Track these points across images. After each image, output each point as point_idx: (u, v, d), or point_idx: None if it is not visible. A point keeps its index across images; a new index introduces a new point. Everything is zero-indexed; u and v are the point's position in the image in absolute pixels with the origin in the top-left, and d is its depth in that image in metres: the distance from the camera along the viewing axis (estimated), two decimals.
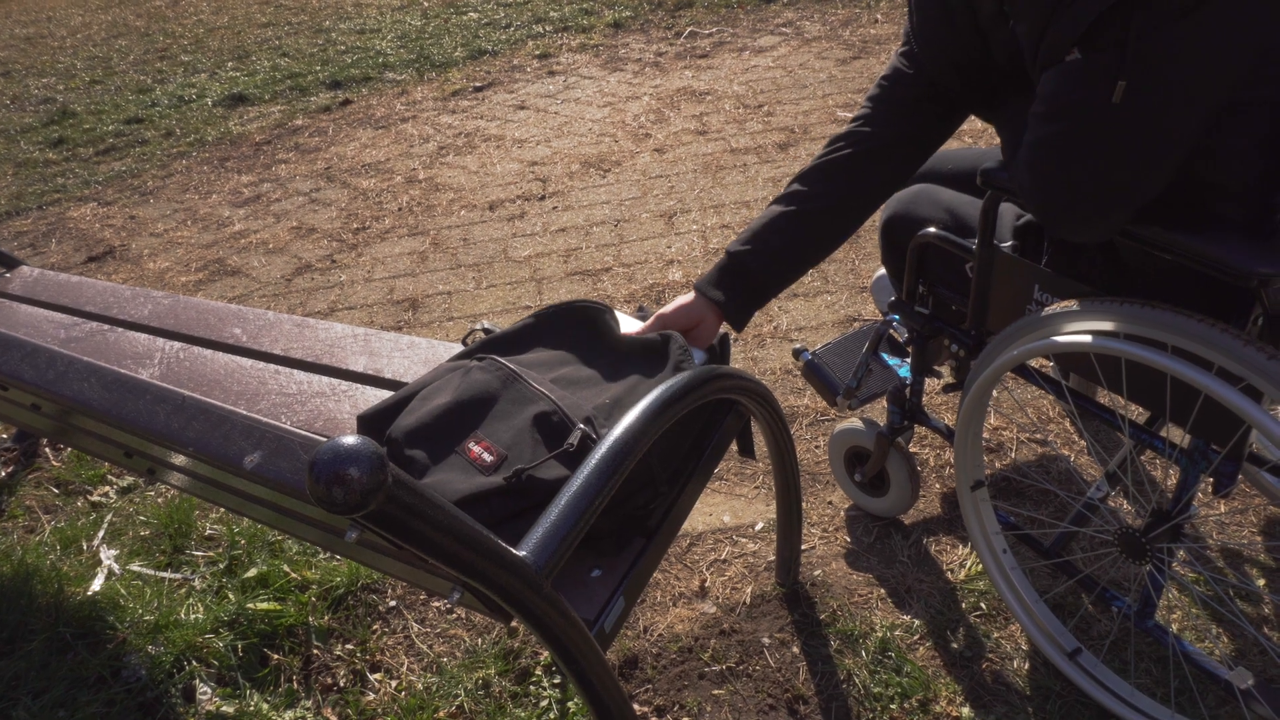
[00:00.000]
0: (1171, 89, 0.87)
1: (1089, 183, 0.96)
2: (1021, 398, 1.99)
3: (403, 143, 4.25)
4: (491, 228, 3.23)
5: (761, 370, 2.22)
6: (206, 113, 5.17)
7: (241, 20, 7.81)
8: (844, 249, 2.71)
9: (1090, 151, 0.94)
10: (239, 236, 3.47)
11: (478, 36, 6.05)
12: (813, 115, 3.84)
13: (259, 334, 1.61)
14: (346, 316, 2.77)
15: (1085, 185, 0.96)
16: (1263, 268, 0.90)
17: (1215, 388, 0.93)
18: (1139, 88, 0.86)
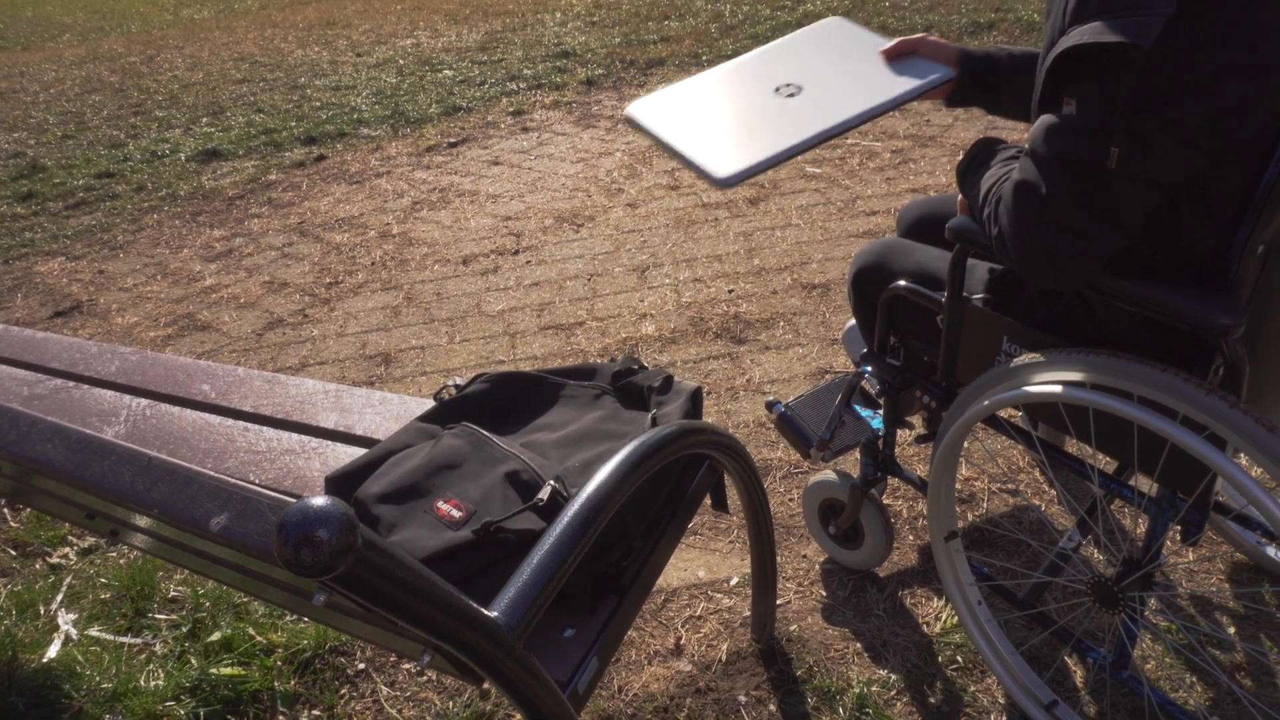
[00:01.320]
0: (1161, 160, 0.89)
1: (1069, 235, 0.97)
2: (992, 448, 2.01)
3: (377, 198, 4.26)
4: (465, 282, 3.24)
5: (735, 423, 2.22)
6: (180, 167, 5.17)
7: (217, 76, 7.87)
8: (814, 302, 2.75)
9: (1079, 206, 0.95)
10: (210, 291, 3.45)
11: (452, 93, 6.13)
12: (782, 171, 3.91)
13: (228, 390, 1.59)
14: (318, 372, 2.75)
15: (1065, 238, 0.98)
16: (1223, 319, 0.92)
17: (1180, 436, 0.94)
18: (1130, 157, 0.89)
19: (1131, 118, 0.87)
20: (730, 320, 2.70)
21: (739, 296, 2.85)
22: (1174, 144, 0.87)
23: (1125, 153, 0.88)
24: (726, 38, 6.71)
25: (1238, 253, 0.94)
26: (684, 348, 2.60)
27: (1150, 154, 0.88)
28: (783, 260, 3.06)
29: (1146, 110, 0.86)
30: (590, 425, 1.16)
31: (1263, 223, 0.91)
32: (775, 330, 2.62)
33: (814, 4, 7.51)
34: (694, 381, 2.33)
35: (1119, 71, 0.87)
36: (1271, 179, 0.89)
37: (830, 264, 2.98)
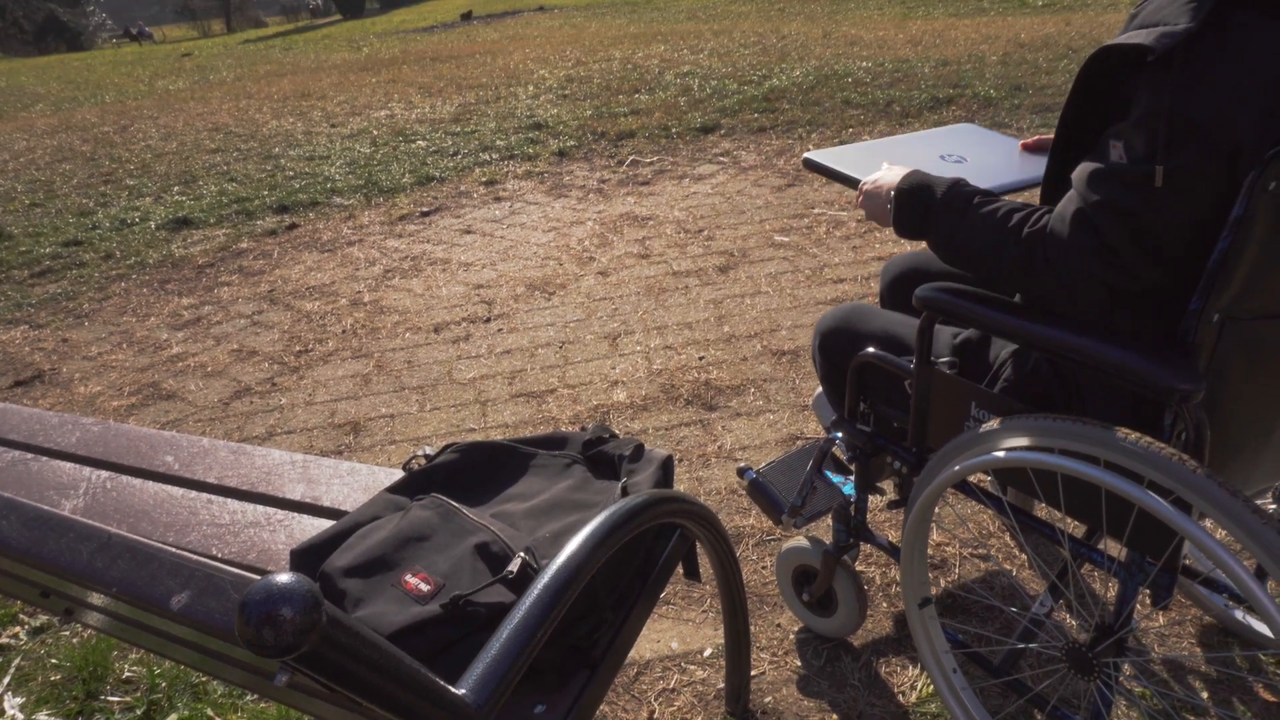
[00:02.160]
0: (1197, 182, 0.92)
1: (1126, 274, 0.98)
2: (963, 512, 2.01)
3: (348, 266, 4.27)
4: (436, 350, 3.23)
5: (706, 490, 2.22)
6: (149, 236, 5.16)
7: (190, 146, 7.91)
8: (785, 368, 2.77)
9: (1135, 248, 0.96)
10: (176, 359, 3.41)
11: (425, 163, 6.21)
12: (751, 239, 3.98)
13: (192, 461, 1.56)
14: (285, 441, 2.71)
15: (1122, 276, 0.98)
16: (1183, 384, 0.94)
17: (1146, 500, 0.96)
18: (1172, 176, 0.91)
19: (1174, 146, 0.90)
20: (701, 387, 2.72)
21: (710, 363, 2.87)
22: (1205, 169, 0.90)
23: (1169, 171, 0.91)
24: (695, 111, 6.89)
25: (1194, 322, 0.97)
26: (655, 415, 2.60)
27: (1195, 180, 0.91)
28: (753, 327, 3.10)
29: (1188, 134, 0.89)
30: (561, 495, 1.15)
31: (1215, 293, 0.94)
32: (746, 397, 2.64)
33: (780, 80, 7.75)
34: (665, 449, 2.33)
35: (1157, 92, 0.90)
36: (1224, 249, 0.92)
37: (799, 331, 3.02)
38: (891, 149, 1.53)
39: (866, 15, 14.25)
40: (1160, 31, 0.88)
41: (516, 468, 1.26)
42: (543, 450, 1.29)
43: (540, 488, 1.21)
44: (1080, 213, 0.98)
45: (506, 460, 1.27)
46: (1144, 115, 0.92)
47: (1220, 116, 0.88)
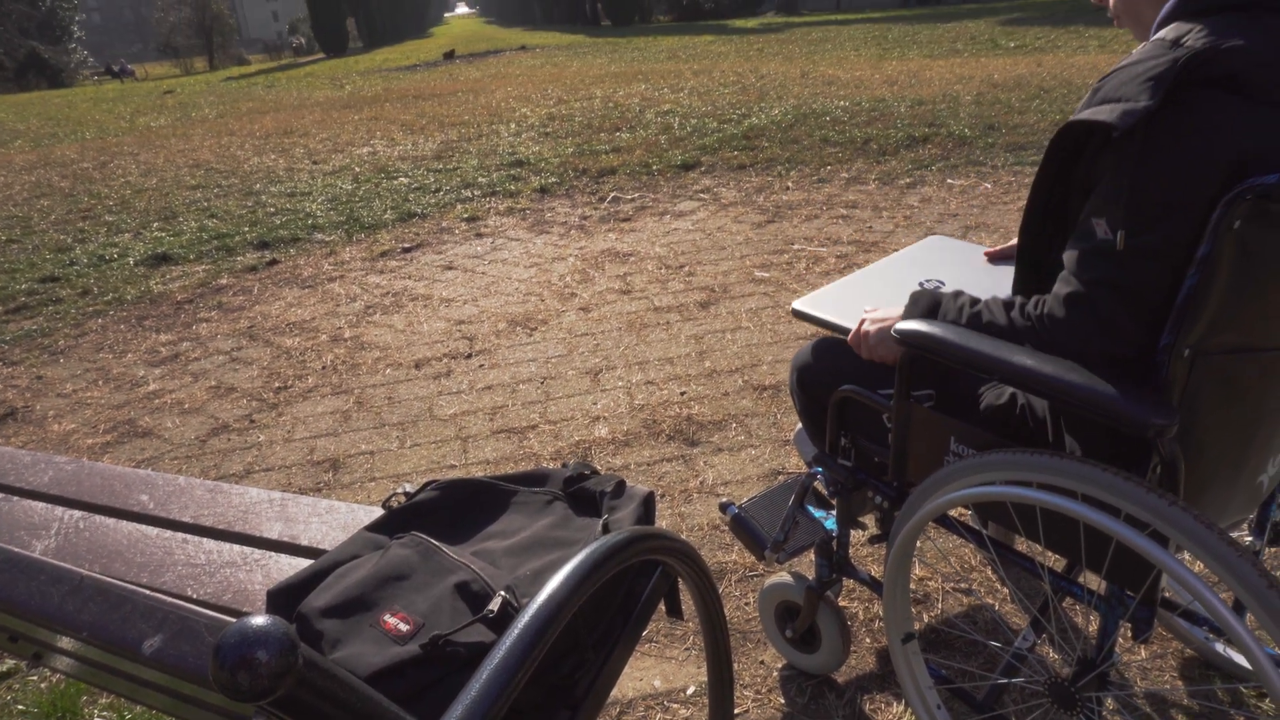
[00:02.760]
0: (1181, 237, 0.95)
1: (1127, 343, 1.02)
2: (944, 547, 2.01)
3: (329, 302, 4.26)
4: (417, 386, 3.22)
5: (689, 526, 2.21)
6: (127, 272, 5.12)
7: (170, 182, 7.90)
8: (766, 403, 2.78)
9: (1134, 320, 1.00)
10: (153, 396, 3.37)
11: (407, 200, 6.23)
12: (732, 275, 4.01)
13: (167, 500, 1.54)
14: (263, 479, 2.68)
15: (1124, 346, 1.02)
16: (1157, 419, 0.96)
17: (1123, 533, 0.96)
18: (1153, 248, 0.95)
19: (1148, 216, 0.94)
20: (683, 422, 2.72)
21: (691, 398, 2.87)
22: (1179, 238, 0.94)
23: (1149, 244, 0.95)
24: (676, 149, 6.97)
25: (1166, 357, 0.98)
26: (637, 450, 2.59)
27: (1171, 242, 0.95)
28: (734, 362, 3.11)
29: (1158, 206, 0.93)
30: (542, 532, 1.15)
31: (1185, 329, 0.96)
32: (728, 432, 2.64)
33: (759, 118, 7.87)
34: (647, 485, 2.32)
35: (1123, 166, 0.94)
36: (1192, 285, 0.94)
37: (780, 366, 3.03)
38: (871, 281, 1.63)
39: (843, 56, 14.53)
40: (1123, 109, 0.91)
41: (497, 505, 1.26)
42: (524, 487, 1.29)
43: (521, 525, 1.20)
44: (1075, 295, 1.02)
45: (487, 497, 1.26)
46: (1116, 191, 0.96)
47: (1185, 191, 0.92)
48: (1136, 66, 0.94)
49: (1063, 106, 7.00)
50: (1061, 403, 1.07)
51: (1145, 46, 0.97)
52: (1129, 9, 1.11)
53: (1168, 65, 0.90)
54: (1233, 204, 0.89)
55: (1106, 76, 0.99)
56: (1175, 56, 0.90)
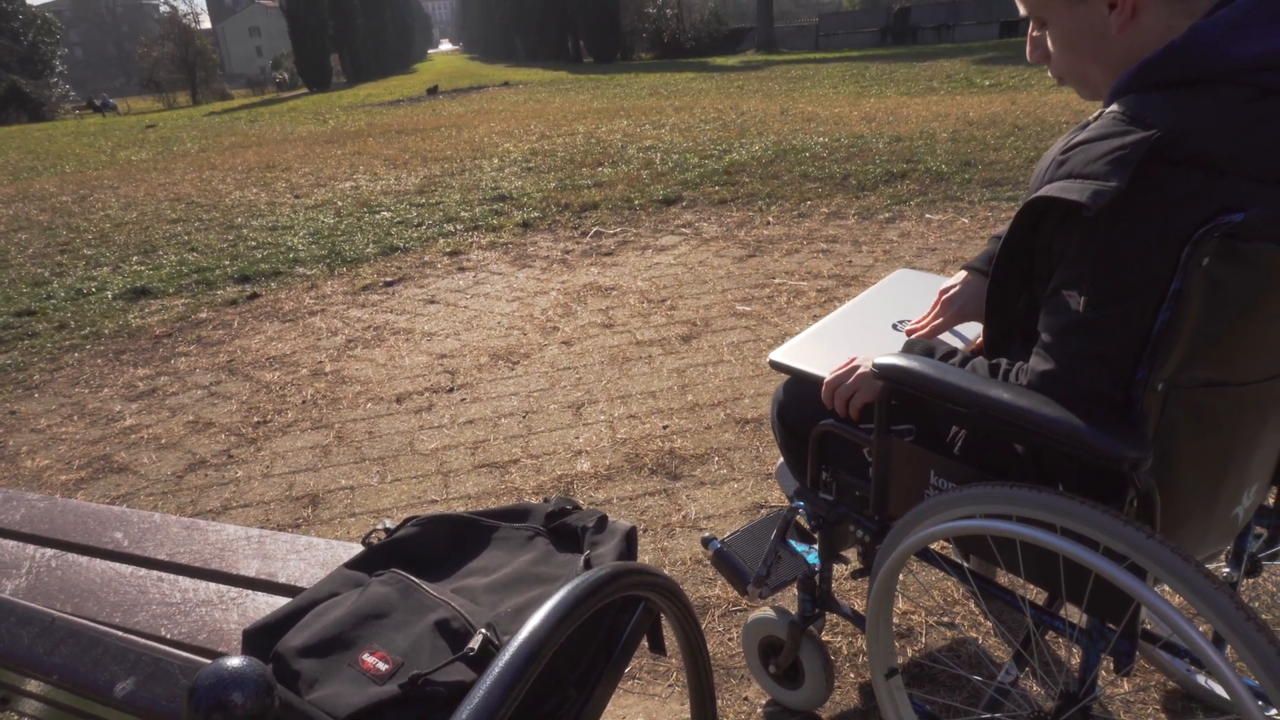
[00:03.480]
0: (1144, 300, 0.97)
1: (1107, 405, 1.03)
2: (927, 580, 2.01)
3: (310, 336, 4.24)
4: (398, 420, 3.20)
5: (671, 561, 2.20)
6: (105, 305, 5.08)
7: (151, 216, 7.87)
8: (748, 436, 2.78)
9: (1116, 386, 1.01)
10: (129, 431, 3.33)
11: (389, 234, 6.24)
12: (713, 309, 4.03)
13: (142, 538, 1.52)
14: (241, 515, 2.65)
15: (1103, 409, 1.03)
16: (1132, 452, 0.97)
17: (1102, 566, 0.97)
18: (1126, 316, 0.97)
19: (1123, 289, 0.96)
20: (665, 456, 2.71)
21: (673, 432, 2.87)
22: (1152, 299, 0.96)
23: (1121, 313, 0.97)
24: (658, 183, 7.04)
25: (1140, 390, 1.00)
26: (619, 485, 2.59)
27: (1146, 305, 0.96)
28: (716, 396, 3.12)
29: (1131, 278, 0.95)
30: (523, 568, 1.14)
31: (1158, 364, 0.97)
32: (710, 465, 2.64)
33: (740, 154, 7.97)
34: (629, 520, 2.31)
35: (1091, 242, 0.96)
36: (1165, 321, 0.96)
37: (762, 399, 3.04)
38: (845, 325, 1.64)
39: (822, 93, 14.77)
40: (1093, 190, 0.93)
41: (478, 541, 1.25)
42: (505, 523, 1.28)
43: (502, 561, 1.20)
44: (1053, 373, 1.03)
45: (468, 533, 1.26)
46: (1085, 264, 0.98)
47: (1153, 264, 0.94)
48: (1101, 144, 0.95)
49: (1036, 144, 7.13)
50: (1037, 437, 1.08)
51: (1105, 121, 0.99)
52: (1074, 72, 1.13)
53: (1133, 146, 0.92)
54: (1202, 241, 0.91)
55: (1070, 148, 1.00)
56: (1142, 138, 0.92)
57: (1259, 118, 0.92)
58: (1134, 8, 1.02)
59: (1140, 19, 1.02)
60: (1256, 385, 1.05)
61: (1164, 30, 0.99)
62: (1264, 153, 0.92)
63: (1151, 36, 1.01)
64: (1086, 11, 1.05)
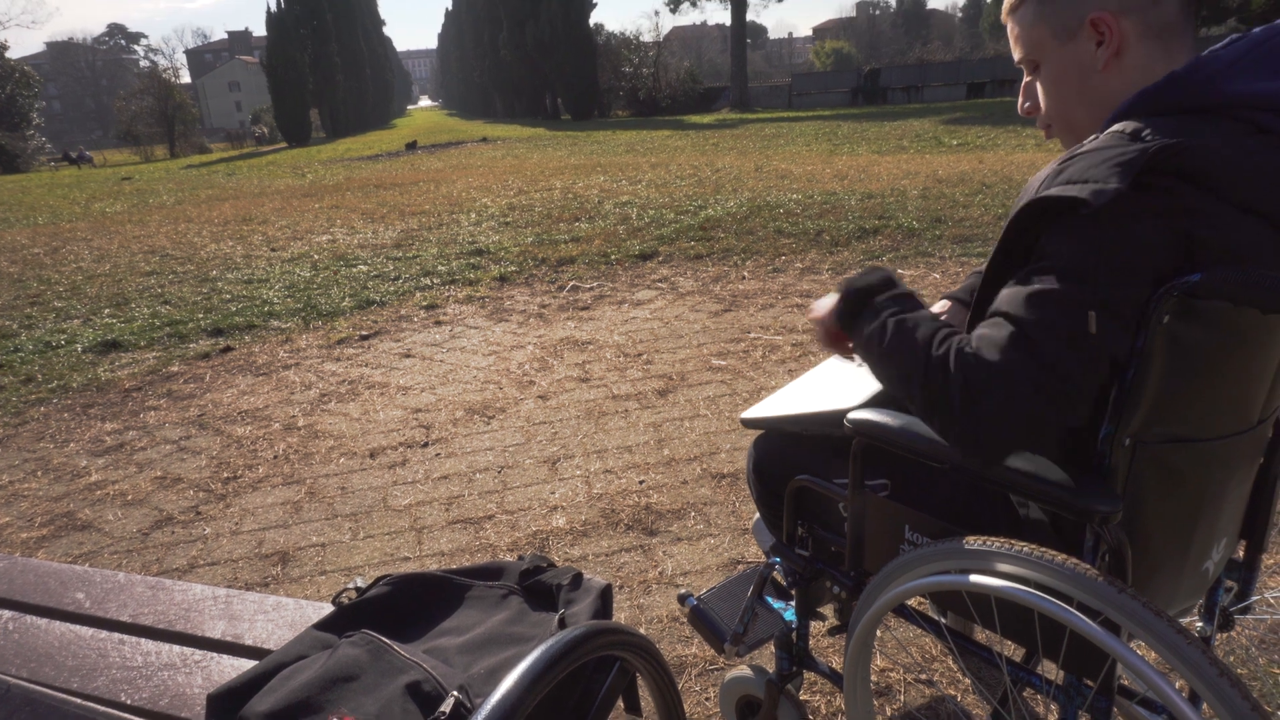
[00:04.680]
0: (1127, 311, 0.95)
1: (1058, 404, 0.96)
2: (904, 637, 2.00)
3: (284, 389, 4.20)
4: (371, 476, 3.16)
5: (648, 618, 2.17)
6: (75, 359, 5.02)
7: (124, 268, 7.82)
8: (724, 491, 2.77)
9: (1082, 372, 0.95)
10: (94, 488, 3.26)
11: (366, 287, 6.23)
12: (689, 363, 4.05)
13: (104, 598, 1.48)
14: (208, 574, 2.59)
15: (1053, 409, 0.96)
16: (1102, 506, 0.98)
17: (1076, 622, 0.97)
18: (1109, 320, 0.94)
19: (1109, 287, 0.94)
20: (641, 511, 2.70)
21: (650, 487, 2.86)
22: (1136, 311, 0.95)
23: (1105, 316, 0.94)
24: (634, 239, 7.11)
25: (1107, 446, 1.01)
26: (595, 541, 2.56)
27: (1126, 318, 0.95)
28: (692, 450, 3.11)
29: (1120, 280, 0.94)
30: (497, 628, 1.12)
31: (1124, 419, 0.99)
32: (686, 521, 2.62)
33: (715, 210, 8.08)
34: (605, 577, 2.29)
35: (1088, 237, 0.95)
36: (1130, 377, 0.98)
37: (738, 453, 3.04)
38: (815, 380, 1.65)
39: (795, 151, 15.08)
40: (1094, 188, 0.94)
41: (451, 600, 1.23)
42: (479, 581, 1.26)
43: (476, 621, 1.18)
44: (1016, 335, 0.96)
45: (441, 592, 1.24)
46: (1073, 257, 0.96)
47: (1145, 256, 0.95)
48: (1103, 152, 0.97)
49: (1004, 201, 7.30)
50: (1007, 489, 1.09)
51: (1105, 138, 0.99)
52: (1061, 116, 1.18)
53: (1137, 153, 0.93)
54: (1161, 300, 0.93)
55: (1069, 159, 1.01)
56: (1144, 146, 0.94)
57: (1253, 150, 0.95)
58: (1119, 45, 1.07)
59: (1124, 58, 1.08)
60: (1222, 441, 1.07)
61: (1143, 73, 1.05)
62: (1255, 184, 0.95)
63: (1132, 77, 1.06)
64: (1075, 49, 1.11)
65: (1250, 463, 1.18)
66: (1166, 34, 1.06)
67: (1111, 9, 1.07)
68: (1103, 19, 1.07)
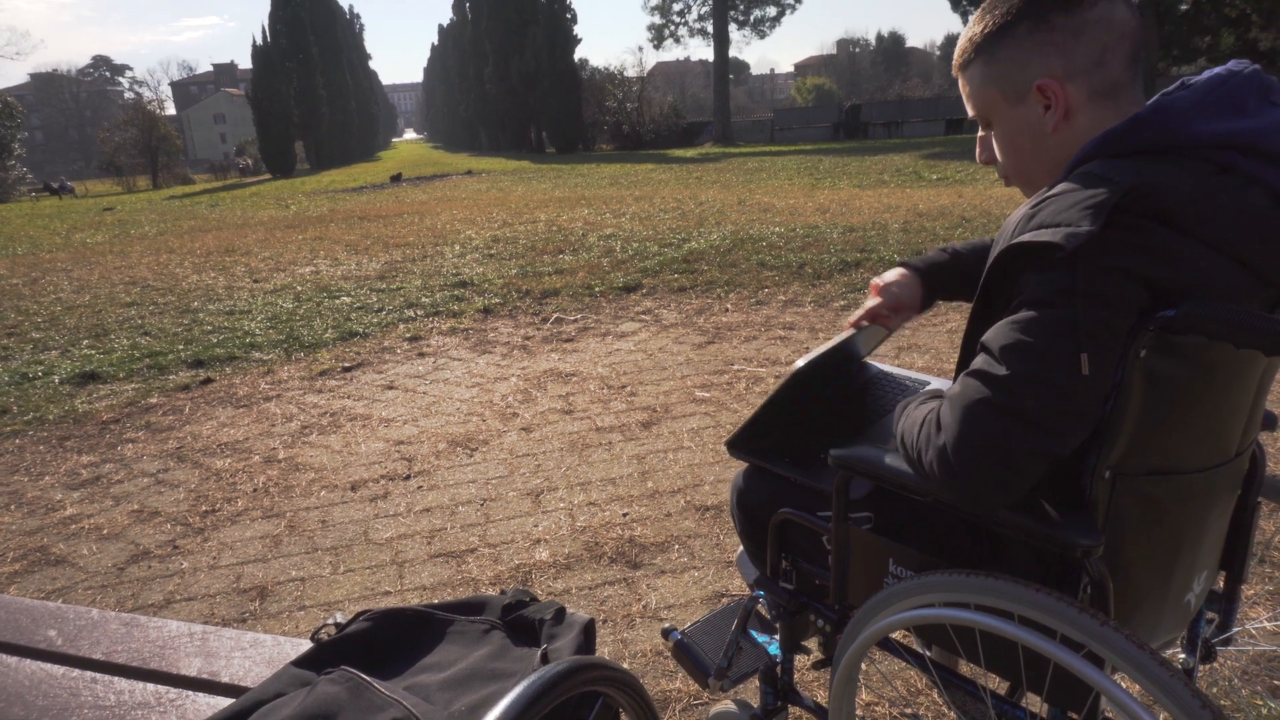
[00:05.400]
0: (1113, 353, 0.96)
1: (1037, 458, 0.97)
2: (889, 670, 1.99)
3: (264, 421, 4.17)
4: (352, 509, 3.13)
5: (631, 653, 2.15)
6: (51, 390, 4.95)
7: (104, 299, 7.76)
8: (708, 524, 2.77)
9: (1062, 418, 0.96)
10: (69, 521, 3.21)
11: (349, 319, 6.21)
12: (673, 395, 4.05)
13: (77, 635, 1.45)
14: (184, 609, 2.55)
15: (1034, 461, 0.98)
16: (1083, 539, 0.98)
17: (1059, 655, 0.97)
18: (1096, 358, 0.94)
19: (1090, 329, 0.94)
20: (625, 544, 2.68)
21: (633, 520, 2.85)
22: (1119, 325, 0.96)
23: (1093, 357, 0.94)
24: (617, 271, 7.14)
25: (1089, 479, 1.02)
26: (579, 574, 2.54)
27: (1111, 354, 0.96)
28: (676, 482, 3.11)
29: (1098, 320, 0.94)
30: (478, 664, 1.11)
31: (1104, 452, 1.00)
32: (670, 554, 2.61)
33: (698, 242, 8.14)
34: (588, 611, 2.27)
35: (1065, 280, 0.95)
36: (1109, 410, 0.99)
37: (722, 485, 3.04)
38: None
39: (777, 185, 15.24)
40: (1067, 232, 0.95)
41: (433, 635, 1.21)
42: (460, 616, 1.25)
43: (457, 656, 1.16)
44: (997, 379, 0.98)
45: (422, 628, 1.22)
46: (1053, 303, 0.96)
47: (1121, 295, 0.95)
48: (1074, 195, 0.97)
49: (983, 234, 7.39)
50: (988, 523, 1.09)
51: (1073, 181, 1.00)
52: (1018, 172, 1.19)
53: (1107, 194, 0.94)
54: (1138, 335, 0.95)
55: (1041, 202, 1.02)
56: (1113, 188, 0.95)
57: (1218, 189, 0.97)
58: (1067, 110, 1.09)
59: (1074, 120, 1.09)
60: (1201, 473, 1.08)
61: (1095, 132, 1.06)
62: (1220, 223, 0.96)
63: (1084, 137, 1.07)
64: (1025, 112, 1.12)
65: (1228, 495, 1.19)
66: (1115, 92, 1.08)
67: (1057, 75, 1.07)
68: (1048, 86, 1.08)
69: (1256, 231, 0.98)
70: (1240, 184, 0.98)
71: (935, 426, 1.04)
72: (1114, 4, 1.06)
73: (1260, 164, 0.98)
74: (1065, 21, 1.06)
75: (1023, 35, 1.09)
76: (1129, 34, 1.07)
